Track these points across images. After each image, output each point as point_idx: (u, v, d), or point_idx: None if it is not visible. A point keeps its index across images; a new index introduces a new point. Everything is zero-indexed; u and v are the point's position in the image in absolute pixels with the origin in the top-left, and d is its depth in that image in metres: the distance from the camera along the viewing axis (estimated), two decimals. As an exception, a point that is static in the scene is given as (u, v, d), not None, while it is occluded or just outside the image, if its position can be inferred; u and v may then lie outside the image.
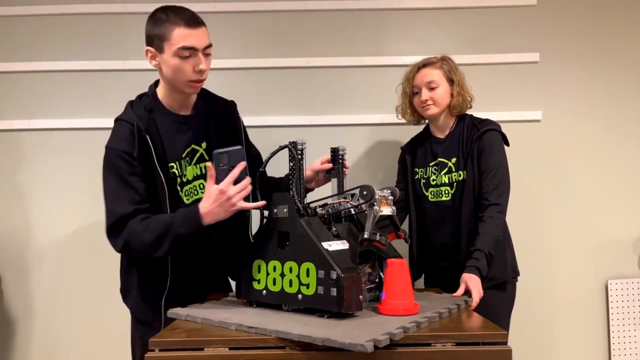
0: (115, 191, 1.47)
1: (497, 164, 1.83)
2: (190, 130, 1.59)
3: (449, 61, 1.94)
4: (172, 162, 1.53)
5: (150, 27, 1.50)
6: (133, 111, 1.54)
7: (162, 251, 1.43)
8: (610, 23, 2.40)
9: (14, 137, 2.39)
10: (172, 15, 1.47)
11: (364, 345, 1.04)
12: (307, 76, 2.40)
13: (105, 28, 2.39)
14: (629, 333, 2.39)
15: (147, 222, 1.44)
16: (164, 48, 1.47)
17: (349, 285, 1.24)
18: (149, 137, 1.48)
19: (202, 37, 1.49)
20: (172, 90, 1.55)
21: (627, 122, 2.41)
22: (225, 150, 1.37)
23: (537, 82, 2.39)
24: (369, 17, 2.40)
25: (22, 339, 2.39)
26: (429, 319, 1.24)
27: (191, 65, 1.48)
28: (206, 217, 1.39)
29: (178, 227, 1.41)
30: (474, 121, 1.92)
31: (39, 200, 2.38)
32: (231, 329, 1.24)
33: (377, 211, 1.38)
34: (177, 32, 1.45)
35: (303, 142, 1.44)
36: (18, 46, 2.39)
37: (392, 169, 2.30)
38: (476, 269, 1.65)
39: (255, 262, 1.42)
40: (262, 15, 2.40)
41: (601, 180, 2.41)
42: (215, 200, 1.37)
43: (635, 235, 2.41)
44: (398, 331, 1.13)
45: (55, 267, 2.39)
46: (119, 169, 1.47)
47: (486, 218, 1.77)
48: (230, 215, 1.40)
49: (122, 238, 1.45)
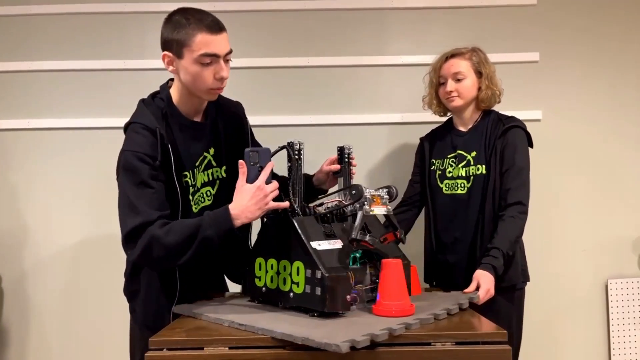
0: (136, 196, 1.37)
1: (521, 163, 1.78)
2: (204, 138, 1.55)
3: (479, 53, 1.88)
4: (186, 171, 1.49)
5: (169, 31, 1.42)
6: (151, 114, 1.46)
7: (186, 257, 1.33)
8: (610, 23, 2.40)
9: (12, 136, 2.38)
10: (194, 20, 1.39)
11: (339, 345, 1.04)
12: (307, 75, 2.40)
13: (105, 27, 2.39)
14: (629, 333, 2.39)
15: (169, 226, 1.35)
16: (183, 54, 1.41)
17: (332, 285, 1.24)
18: (169, 145, 1.43)
19: (224, 43, 1.43)
20: (189, 95, 1.50)
21: (627, 122, 2.41)
22: (256, 149, 1.37)
23: (537, 82, 2.39)
24: (369, 17, 2.40)
25: (18, 340, 2.39)
26: (422, 320, 1.22)
27: (212, 72, 1.42)
28: (238, 217, 1.33)
29: (206, 229, 1.32)
30: (500, 117, 1.87)
31: (36, 200, 2.38)
32: (224, 325, 1.27)
33: (367, 211, 1.35)
34: (200, 38, 1.38)
35: (301, 142, 1.44)
36: (17, 45, 2.39)
37: (392, 168, 2.31)
38: (492, 267, 1.62)
39: (257, 259, 1.45)
40: (262, 14, 2.40)
41: (601, 179, 2.41)
42: (252, 197, 1.33)
43: (635, 235, 2.41)
44: (382, 332, 1.11)
45: (53, 268, 2.39)
46: (141, 173, 1.38)
47: (507, 217, 1.73)
48: (261, 215, 1.36)
49: (142, 244, 1.34)
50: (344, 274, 1.28)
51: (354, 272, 1.33)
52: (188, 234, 1.33)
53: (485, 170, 1.81)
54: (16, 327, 2.39)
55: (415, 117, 2.28)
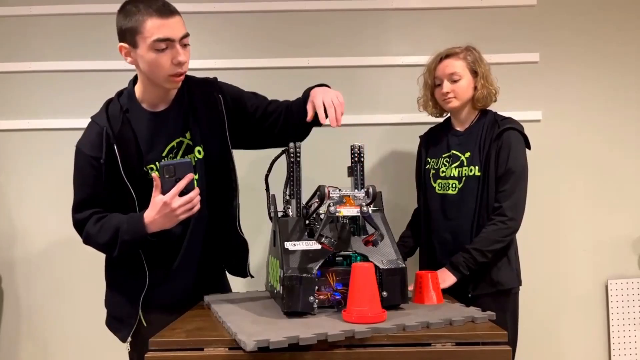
0: (79, 193, 1.51)
1: (515, 168, 1.77)
2: (170, 124, 1.53)
3: (473, 51, 1.86)
4: (151, 163, 1.49)
5: (121, 21, 1.41)
6: (107, 112, 1.50)
7: (115, 254, 1.45)
8: (609, 23, 2.40)
9: (6, 137, 2.38)
10: (143, 7, 1.37)
11: (246, 343, 1.06)
12: (307, 76, 2.39)
13: (103, 28, 2.38)
14: (629, 333, 2.39)
15: (101, 223, 1.46)
16: (137, 42, 1.39)
17: (292, 285, 1.25)
18: (120, 143, 1.45)
19: (178, 26, 1.39)
20: (151, 86, 1.49)
21: (627, 122, 2.41)
22: (172, 162, 1.37)
23: (537, 83, 2.39)
24: (370, 17, 2.40)
25: (13, 339, 2.39)
26: (375, 330, 1.15)
27: (169, 58, 1.40)
28: (151, 225, 1.39)
29: (124, 233, 1.42)
30: (497, 118, 1.85)
31: (30, 200, 2.38)
32: (219, 321, 1.30)
33: (332, 212, 1.30)
34: (150, 24, 1.36)
35: (299, 145, 1.45)
36: (15, 46, 2.39)
37: (391, 169, 2.31)
38: (455, 268, 1.67)
39: (269, 256, 1.54)
40: (262, 15, 2.40)
41: (601, 180, 2.41)
42: (158, 211, 1.37)
43: (635, 235, 2.41)
44: (310, 335, 1.09)
45: (47, 268, 2.39)
46: (83, 172, 1.49)
47: (492, 223, 1.74)
48: (175, 224, 1.40)
49: (82, 237, 1.52)
50: (307, 275, 1.26)
51: (334, 274, 1.31)
52: (111, 234, 1.44)
53: (479, 172, 1.79)
54: (10, 327, 2.38)
55: (415, 117, 2.27)
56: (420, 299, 1.44)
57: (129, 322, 1.53)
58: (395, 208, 2.19)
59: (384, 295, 1.30)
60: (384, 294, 1.30)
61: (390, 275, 1.32)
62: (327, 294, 1.32)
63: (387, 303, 1.30)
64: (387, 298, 1.30)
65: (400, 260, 1.35)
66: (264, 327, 1.18)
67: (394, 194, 2.32)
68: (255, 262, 2.15)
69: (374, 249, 1.35)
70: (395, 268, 1.32)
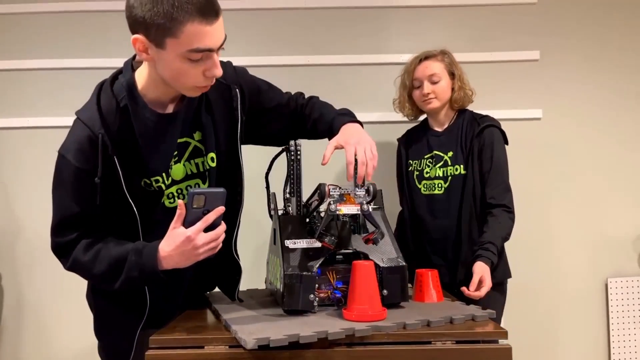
0: (61, 210, 1.22)
1: (499, 163, 1.82)
2: (179, 126, 1.26)
3: (449, 55, 1.93)
4: (157, 175, 1.25)
5: (145, 9, 1.05)
6: (100, 110, 1.19)
7: (113, 287, 1.21)
8: (610, 21, 2.40)
9: (7, 135, 2.39)
10: (183, 1, 1.04)
11: (246, 341, 1.06)
12: (306, 74, 2.39)
13: (103, 25, 2.38)
14: (629, 331, 2.39)
15: (95, 250, 1.20)
16: (166, 44, 1.08)
17: (292, 283, 1.25)
18: (121, 153, 1.18)
19: (220, 31, 1.11)
20: (164, 86, 1.19)
21: (627, 120, 2.41)
22: (204, 191, 1.12)
23: (538, 80, 2.39)
24: (369, 15, 2.40)
25: (13, 337, 2.39)
26: (375, 328, 1.14)
27: (202, 69, 1.12)
28: (165, 261, 1.16)
29: (132, 268, 1.17)
30: (475, 116, 1.90)
31: (30, 198, 2.38)
32: (220, 319, 1.30)
33: (332, 210, 1.28)
34: (191, 29, 1.05)
35: (299, 143, 1.45)
36: (12, 43, 2.38)
37: (392, 167, 2.30)
38: (489, 260, 1.64)
39: (269, 254, 1.53)
40: (261, 13, 2.39)
41: (601, 178, 2.41)
42: (178, 246, 1.12)
43: (635, 234, 2.41)
44: (310, 333, 1.08)
45: (48, 265, 2.37)
46: (67, 185, 1.20)
47: (496, 216, 1.76)
48: (190, 264, 1.17)
49: (68, 263, 1.24)
50: (307, 273, 1.26)
51: (335, 272, 1.31)
52: (111, 266, 1.19)
53: (464, 170, 1.83)
54: (9, 325, 2.39)
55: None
56: (421, 297, 1.44)
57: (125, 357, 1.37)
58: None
59: (385, 294, 1.30)
60: (385, 292, 1.30)
61: (390, 274, 1.32)
62: (328, 292, 1.32)
63: (388, 301, 1.30)
64: (388, 296, 1.30)
65: (401, 258, 1.35)
66: (264, 325, 1.18)
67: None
68: (253, 260, 2.14)
69: (374, 247, 1.35)
70: (396, 266, 1.32)
